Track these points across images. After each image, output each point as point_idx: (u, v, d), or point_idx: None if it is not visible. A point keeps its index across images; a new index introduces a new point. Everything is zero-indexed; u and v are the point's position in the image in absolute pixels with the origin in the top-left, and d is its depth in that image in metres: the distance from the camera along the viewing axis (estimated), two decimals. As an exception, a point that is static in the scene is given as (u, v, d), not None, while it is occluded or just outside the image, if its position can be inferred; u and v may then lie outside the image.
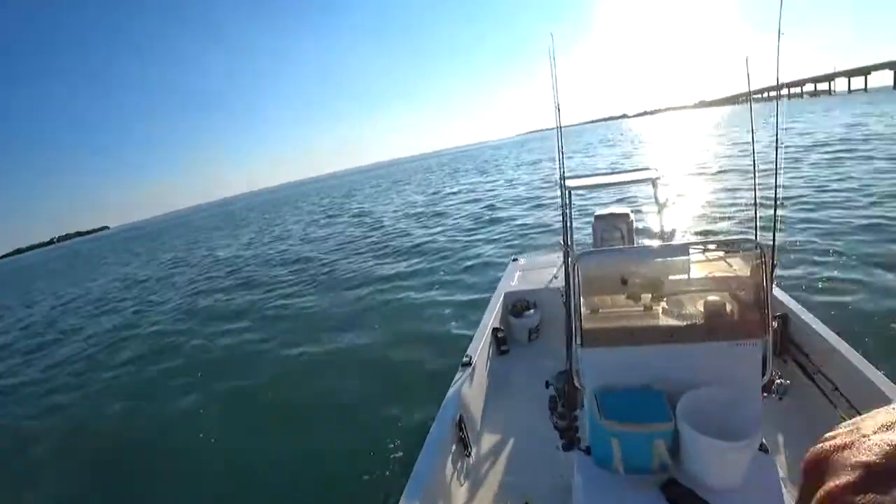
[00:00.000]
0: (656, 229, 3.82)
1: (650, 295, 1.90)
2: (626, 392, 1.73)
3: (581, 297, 1.80)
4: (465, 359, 3.16)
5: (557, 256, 4.91)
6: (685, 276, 1.92)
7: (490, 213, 15.09)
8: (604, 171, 5.01)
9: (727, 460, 1.51)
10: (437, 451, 2.35)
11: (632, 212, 3.85)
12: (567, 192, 3.09)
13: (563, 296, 2.72)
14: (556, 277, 4.40)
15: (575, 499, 1.69)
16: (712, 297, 1.83)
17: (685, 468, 1.58)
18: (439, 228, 13.90)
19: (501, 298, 4.15)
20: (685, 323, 1.77)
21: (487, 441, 2.88)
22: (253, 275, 12.87)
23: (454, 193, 23.47)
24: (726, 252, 1.94)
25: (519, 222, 12.75)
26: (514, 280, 4.59)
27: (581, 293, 1.80)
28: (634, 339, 1.77)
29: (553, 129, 3.28)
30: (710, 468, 1.53)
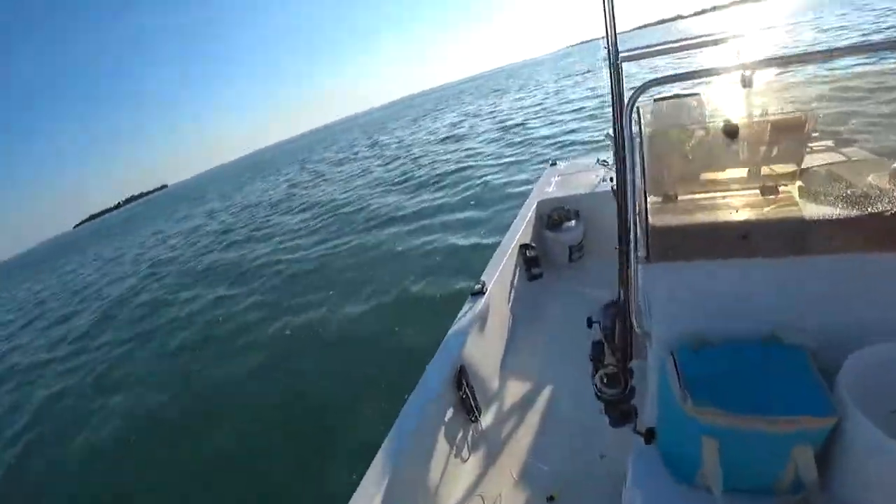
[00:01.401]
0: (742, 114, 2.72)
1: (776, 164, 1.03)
2: (732, 348, 0.93)
3: (646, 161, 0.96)
4: (475, 286, 2.34)
5: (610, 156, 3.88)
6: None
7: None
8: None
9: None
10: (424, 418, 1.64)
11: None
12: (616, 63, 1.87)
13: (613, 191, 1.81)
14: (605, 180, 3.31)
15: None
16: None
17: (842, 492, 0.82)
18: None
19: (534, 208, 3.22)
20: (854, 213, 0.90)
21: (506, 402, 2.15)
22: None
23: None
24: None
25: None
26: (550, 186, 3.57)
27: (646, 155, 0.95)
28: (749, 247, 0.94)
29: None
30: None
